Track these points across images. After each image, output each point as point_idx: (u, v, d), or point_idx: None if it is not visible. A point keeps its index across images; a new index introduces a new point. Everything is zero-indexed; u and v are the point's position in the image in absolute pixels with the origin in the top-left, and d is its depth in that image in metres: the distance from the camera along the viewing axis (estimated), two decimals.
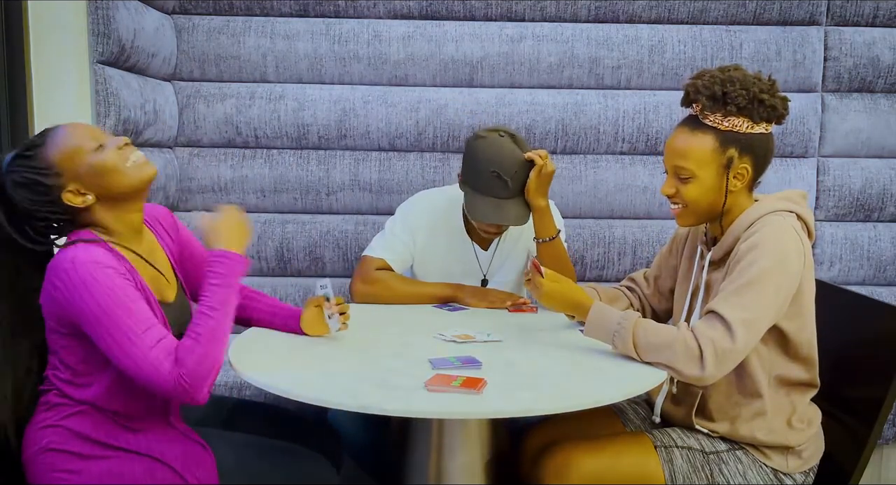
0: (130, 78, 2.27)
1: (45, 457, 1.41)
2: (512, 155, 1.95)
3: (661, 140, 2.61)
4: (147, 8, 2.37)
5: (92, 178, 1.41)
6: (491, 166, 1.93)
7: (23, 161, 1.40)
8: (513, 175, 1.94)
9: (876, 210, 2.68)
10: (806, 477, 1.65)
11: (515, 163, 1.95)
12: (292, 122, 2.59)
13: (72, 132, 1.42)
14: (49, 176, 1.39)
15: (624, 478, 1.59)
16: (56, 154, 1.40)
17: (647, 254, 2.64)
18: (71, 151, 1.40)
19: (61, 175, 1.40)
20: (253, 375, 1.43)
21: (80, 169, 1.40)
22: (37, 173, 1.39)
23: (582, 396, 1.38)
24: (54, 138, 1.42)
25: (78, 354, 1.41)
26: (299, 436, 1.68)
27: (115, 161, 1.42)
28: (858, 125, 2.66)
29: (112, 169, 1.41)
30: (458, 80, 2.62)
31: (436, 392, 1.36)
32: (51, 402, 1.43)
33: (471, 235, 2.16)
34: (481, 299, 2.07)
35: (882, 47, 2.61)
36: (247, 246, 1.53)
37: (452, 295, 2.09)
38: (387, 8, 2.61)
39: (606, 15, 2.62)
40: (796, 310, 1.57)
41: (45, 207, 1.41)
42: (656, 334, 1.53)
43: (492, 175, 1.94)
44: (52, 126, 1.45)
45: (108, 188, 1.42)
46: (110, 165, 1.41)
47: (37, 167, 1.39)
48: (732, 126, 1.57)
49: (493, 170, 1.93)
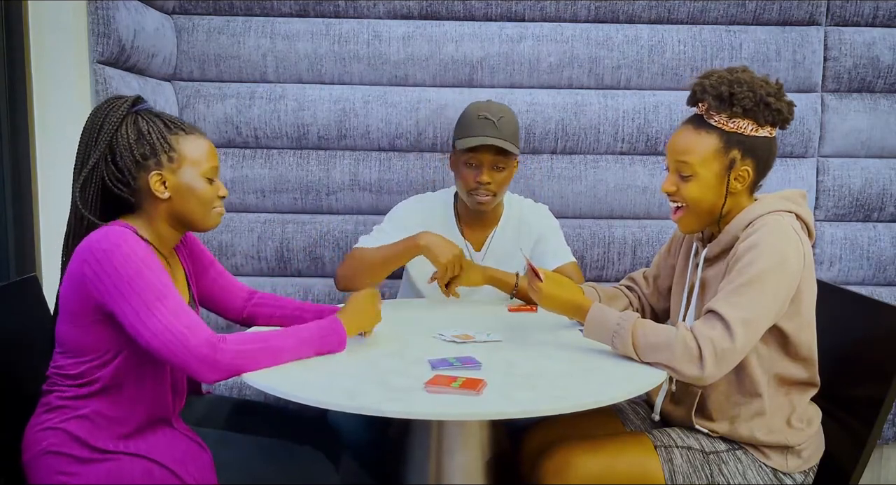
0: (130, 78, 2.27)
1: (44, 459, 1.40)
2: (498, 104, 2.10)
3: (660, 140, 2.62)
4: (147, 8, 2.37)
5: (183, 189, 1.47)
6: (478, 112, 2.06)
7: (159, 121, 1.46)
8: (499, 118, 2.03)
9: (876, 210, 2.68)
10: (806, 477, 1.65)
11: (501, 109, 2.07)
12: (292, 122, 2.59)
13: (208, 149, 1.51)
14: (163, 151, 1.45)
15: (624, 478, 1.59)
16: (185, 146, 1.47)
17: (647, 254, 2.64)
18: (195, 158, 1.48)
19: (170, 161, 1.45)
20: (253, 376, 1.43)
21: (185, 174, 1.47)
22: (158, 138, 1.45)
23: (582, 396, 1.38)
24: (195, 138, 1.49)
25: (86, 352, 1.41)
26: (299, 436, 1.68)
27: (209, 197, 1.50)
28: (858, 125, 2.66)
29: (201, 200, 1.49)
30: (458, 80, 2.62)
31: (435, 393, 1.36)
32: (52, 403, 1.43)
33: (464, 235, 2.17)
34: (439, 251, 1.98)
35: (882, 47, 2.62)
36: (364, 330, 1.67)
37: (414, 243, 2.01)
38: (387, 8, 2.61)
39: (606, 15, 2.63)
40: (796, 310, 1.57)
41: (129, 162, 1.43)
42: (655, 334, 1.52)
43: (479, 118, 2.04)
44: (200, 128, 1.55)
45: (183, 207, 1.48)
46: (203, 196, 1.49)
47: (164, 136, 1.45)
48: (737, 128, 1.57)
49: (480, 114, 2.05)
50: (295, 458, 1.58)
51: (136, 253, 1.36)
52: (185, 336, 1.35)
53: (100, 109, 1.45)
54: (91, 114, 1.46)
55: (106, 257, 1.34)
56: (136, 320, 1.34)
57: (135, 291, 1.34)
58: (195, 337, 1.35)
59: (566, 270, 2.09)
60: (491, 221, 2.20)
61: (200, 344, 1.35)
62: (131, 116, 1.45)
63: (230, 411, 1.78)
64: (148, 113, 1.47)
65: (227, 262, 2.62)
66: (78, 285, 1.37)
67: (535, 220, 2.22)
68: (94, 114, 1.45)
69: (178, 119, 1.51)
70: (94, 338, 1.40)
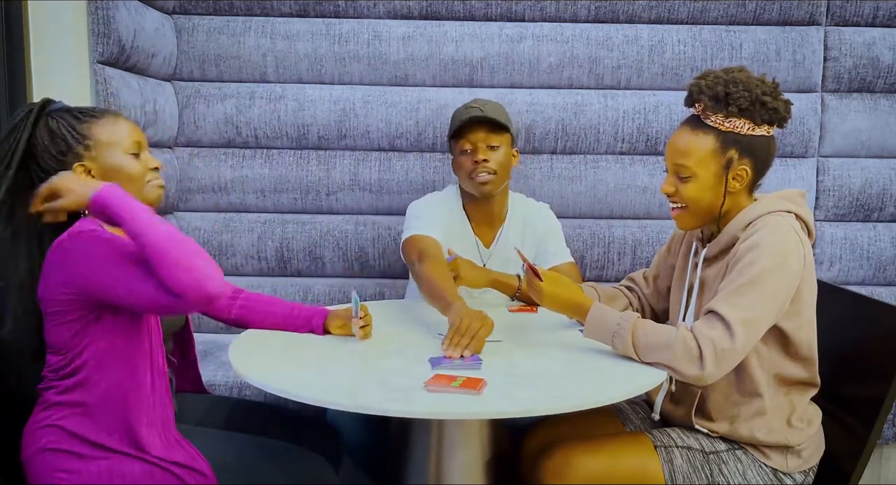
0: (130, 78, 2.27)
1: (43, 457, 1.40)
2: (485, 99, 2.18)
3: (660, 140, 2.62)
4: (147, 8, 2.37)
5: (109, 172, 1.46)
6: (464, 106, 2.14)
7: (68, 116, 1.46)
8: (484, 104, 2.10)
9: (876, 210, 2.68)
10: (806, 477, 1.65)
11: (487, 101, 2.14)
12: (292, 122, 2.59)
13: (123, 126, 1.49)
14: (77, 142, 1.44)
15: (624, 478, 1.59)
16: (98, 132, 1.46)
17: (647, 254, 2.64)
18: (112, 139, 1.46)
19: (87, 149, 1.45)
20: (252, 375, 1.43)
21: (106, 157, 1.46)
22: (69, 131, 1.44)
23: (582, 396, 1.38)
24: (106, 120, 1.48)
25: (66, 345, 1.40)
26: (299, 436, 1.68)
27: (138, 172, 1.48)
28: (858, 125, 2.66)
29: (129, 177, 1.47)
30: (458, 80, 2.62)
31: (435, 392, 1.36)
32: (48, 401, 1.43)
33: (474, 232, 2.19)
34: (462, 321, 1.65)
35: (882, 47, 2.62)
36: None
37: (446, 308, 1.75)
38: (387, 8, 2.61)
39: (606, 15, 2.63)
40: (796, 310, 1.57)
41: (52, 162, 1.43)
42: (655, 334, 1.53)
43: (465, 108, 2.12)
44: (114, 109, 1.51)
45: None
46: (131, 173, 1.47)
47: (74, 128, 1.45)
48: (733, 127, 1.57)
49: (465, 106, 2.12)
50: (294, 458, 1.58)
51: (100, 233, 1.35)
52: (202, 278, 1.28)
53: (11, 121, 1.45)
54: (5, 129, 1.45)
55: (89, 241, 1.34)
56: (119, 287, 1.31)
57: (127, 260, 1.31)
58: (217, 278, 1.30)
59: (564, 269, 2.09)
60: (498, 219, 2.21)
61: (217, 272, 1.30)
62: (42, 119, 1.45)
63: (230, 411, 1.78)
64: (58, 111, 1.47)
65: (227, 262, 2.62)
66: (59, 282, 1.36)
67: (539, 219, 2.23)
68: (7, 128, 1.45)
69: (90, 107, 1.51)
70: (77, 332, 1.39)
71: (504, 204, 2.21)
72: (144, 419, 1.45)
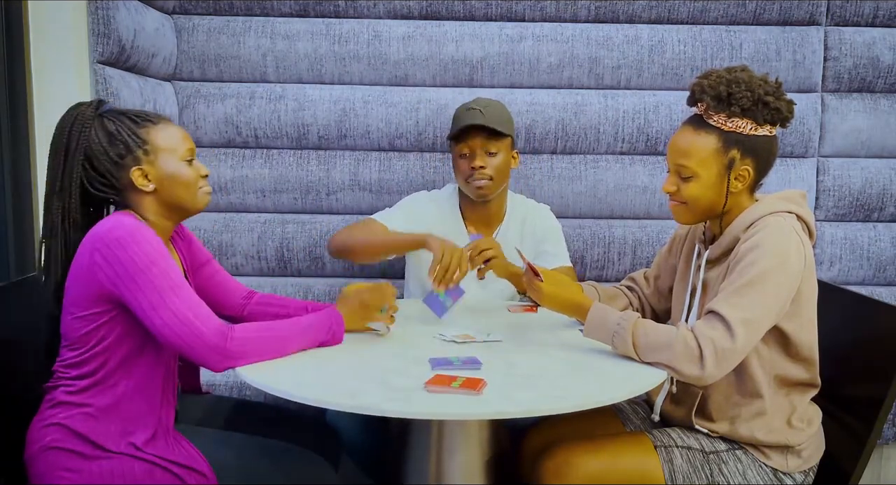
0: (130, 78, 2.27)
1: (46, 455, 1.41)
2: (486, 98, 2.17)
3: (661, 140, 2.62)
4: (147, 8, 2.37)
5: (166, 177, 1.49)
6: (465, 106, 2.14)
7: (126, 119, 1.48)
8: (485, 107, 2.09)
9: (876, 210, 2.68)
10: (806, 477, 1.65)
11: (489, 102, 2.14)
12: (292, 122, 2.59)
13: (179, 134, 1.53)
14: (137, 146, 1.47)
15: (624, 478, 1.59)
16: (156, 137, 1.49)
17: (647, 254, 2.63)
18: (169, 145, 1.50)
19: (147, 154, 1.47)
20: (252, 375, 1.43)
21: (164, 163, 1.49)
22: (129, 135, 1.47)
23: (582, 396, 1.38)
24: (164, 126, 1.51)
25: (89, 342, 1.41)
26: (298, 436, 1.68)
27: (192, 179, 1.53)
28: (858, 125, 2.66)
29: (186, 183, 1.51)
30: (458, 80, 2.62)
31: (435, 393, 1.36)
32: (56, 399, 1.43)
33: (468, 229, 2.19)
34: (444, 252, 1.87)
35: (882, 47, 2.61)
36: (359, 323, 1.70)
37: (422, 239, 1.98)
38: (387, 8, 2.61)
39: (606, 15, 2.63)
40: (797, 310, 1.57)
41: (108, 165, 1.45)
42: (656, 334, 1.52)
43: (465, 110, 2.11)
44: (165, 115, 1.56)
45: (171, 194, 1.51)
46: (187, 180, 1.52)
47: (134, 132, 1.47)
48: (736, 127, 1.57)
49: (466, 107, 2.12)
50: (294, 458, 1.58)
51: (149, 242, 1.39)
52: (196, 326, 1.38)
53: (65, 120, 1.46)
54: (57, 126, 1.47)
55: (119, 245, 1.37)
56: (149, 308, 1.37)
57: (148, 280, 1.37)
58: (206, 326, 1.40)
59: (562, 273, 2.09)
60: (495, 219, 2.21)
61: (211, 333, 1.40)
62: (98, 120, 1.46)
63: (230, 411, 1.78)
64: (112, 113, 1.49)
65: (227, 262, 2.62)
66: (86, 274, 1.39)
67: (538, 220, 2.23)
68: (60, 126, 1.47)
69: (144, 111, 1.53)
70: (96, 327, 1.41)
71: (502, 205, 2.21)
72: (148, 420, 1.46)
